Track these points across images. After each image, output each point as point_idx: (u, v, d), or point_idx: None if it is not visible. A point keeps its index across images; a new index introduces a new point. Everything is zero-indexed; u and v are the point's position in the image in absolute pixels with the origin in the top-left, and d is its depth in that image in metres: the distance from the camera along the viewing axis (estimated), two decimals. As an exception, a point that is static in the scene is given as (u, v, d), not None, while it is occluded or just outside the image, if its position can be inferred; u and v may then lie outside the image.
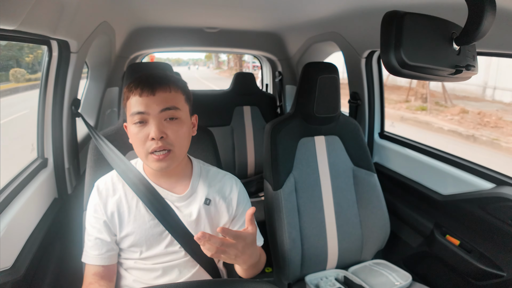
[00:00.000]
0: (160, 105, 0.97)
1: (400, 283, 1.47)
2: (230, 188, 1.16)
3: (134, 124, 0.98)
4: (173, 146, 0.99)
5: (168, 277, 1.09)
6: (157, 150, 0.96)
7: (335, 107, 1.63)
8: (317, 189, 1.60)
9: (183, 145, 1.03)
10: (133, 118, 0.98)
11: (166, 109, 0.97)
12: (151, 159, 0.98)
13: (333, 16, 1.81)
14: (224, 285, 0.64)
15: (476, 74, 0.83)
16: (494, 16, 0.67)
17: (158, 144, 0.96)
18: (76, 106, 1.55)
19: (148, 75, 1.02)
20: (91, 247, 1.05)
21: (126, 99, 1.02)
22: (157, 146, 0.96)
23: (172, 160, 1.00)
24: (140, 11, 1.85)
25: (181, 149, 1.02)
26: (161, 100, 0.97)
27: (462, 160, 1.56)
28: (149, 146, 0.97)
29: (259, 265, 1.11)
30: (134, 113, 0.97)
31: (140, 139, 0.98)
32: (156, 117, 0.97)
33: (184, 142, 1.03)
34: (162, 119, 0.98)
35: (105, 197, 1.07)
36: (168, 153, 0.98)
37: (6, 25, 0.85)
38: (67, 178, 1.53)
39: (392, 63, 0.70)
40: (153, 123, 0.96)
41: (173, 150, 0.99)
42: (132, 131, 1.00)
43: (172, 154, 0.99)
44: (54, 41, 1.36)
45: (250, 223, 0.89)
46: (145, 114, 0.97)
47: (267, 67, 3.44)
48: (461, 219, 1.50)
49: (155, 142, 0.96)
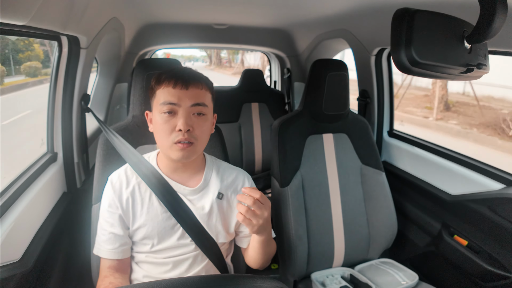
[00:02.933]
0: (192, 99, 1.01)
1: (406, 282, 1.46)
2: (242, 183, 1.18)
3: (163, 114, 1.01)
4: (197, 140, 1.02)
5: (177, 271, 1.10)
6: (182, 141, 1.00)
7: (344, 105, 1.62)
8: (324, 186, 1.59)
9: (204, 140, 1.07)
10: (162, 107, 1.01)
11: (196, 104, 1.02)
12: (175, 148, 1.01)
13: (343, 13, 1.79)
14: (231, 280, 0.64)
15: (488, 73, 0.82)
16: (506, 15, 0.66)
17: (185, 136, 0.99)
18: (86, 101, 1.56)
19: (183, 69, 1.08)
20: (105, 241, 1.07)
21: (155, 88, 1.05)
22: (183, 138, 0.99)
23: (193, 152, 1.03)
24: (149, 7, 1.86)
25: (202, 143, 1.06)
26: (193, 95, 1.02)
27: (472, 160, 1.54)
28: (174, 137, 1.00)
29: (272, 248, 1.15)
30: (166, 102, 1.00)
31: (167, 129, 1.01)
32: (186, 110, 1.01)
33: (206, 137, 1.08)
34: (191, 113, 1.02)
35: (118, 190, 1.08)
36: (190, 145, 1.01)
37: (16, 21, 0.86)
38: (76, 173, 1.55)
39: (402, 61, 0.70)
40: (183, 116, 1.00)
41: (196, 143, 1.02)
42: (158, 120, 1.02)
43: (194, 147, 1.02)
44: (64, 37, 1.37)
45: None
46: (176, 105, 1.00)
47: (275, 64, 3.43)
48: (469, 219, 1.48)
49: (182, 133, 0.99)
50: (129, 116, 1.38)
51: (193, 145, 1.02)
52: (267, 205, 0.97)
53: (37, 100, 4.00)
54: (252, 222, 0.94)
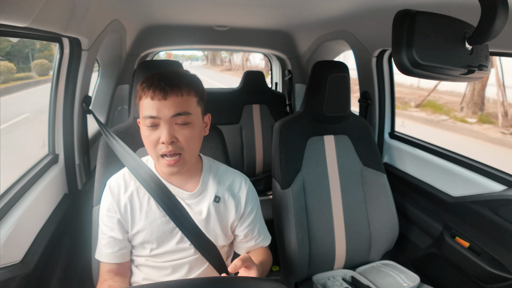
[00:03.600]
0: (172, 110, 0.96)
1: (408, 284, 1.46)
2: (239, 186, 1.16)
3: (146, 127, 0.99)
4: (183, 150, 0.99)
5: (177, 274, 1.10)
6: (167, 154, 0.97)
7: (345, 106, 1.62)
8: (325, 188, 1.59)
9: (193, 149, 1.03)
10: (144, 121, 0.99)
11: (177, 115, 0.97)
12: (162, 163, 1.00)
13: (344, 15, 1.79)
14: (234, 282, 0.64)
15: (489, 74, 0.82)
16: (507, 16, 0.66)
17: (169, 148, 0.96)
18: (87, 103, 1.57)
19: (161, 76, 0.99)
20: (105, 245, 1.07)
21: (139, 98, 1.02)
22: (167, 150, 0.97)
23: (182, 164, 1.01)
24: (150, 9, 1.86)
25: (191, 152, 1.02)
26: (172, 105, 0.96)
27: (473, 161, 1.53)
28: (159, 149, 0.98)
29: (266, 267, 1.14)
30: (146, 117, 0.97)
31: (152, 142, 0.98)
32: (167, 122, 0.96)
33: (195, 145, 1.03)
34: (173, 123, 0.98)
35: (117, 195, 1.08)
36: (178, 157, 0.99)
37: (18, 23, 0.86)
38: (77, 174, 1.55)
39: (403, 62, 0.70)
40: (164, 128, 0.96)
41: (183, 154, 1.00)
42: (144, 133, 1.01)
43: (182, 159, 1.00)
44: (65, 39, 1.38)
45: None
46: (156, 118, 0.97)
47: (276, 66, 3.43)
48: (471, 221, 1.48)
49: (165, 146, 0.96)
50: (130, 118, 1.38)
51: (181, 156, 0.99)
52: (252, 271, 0.91)
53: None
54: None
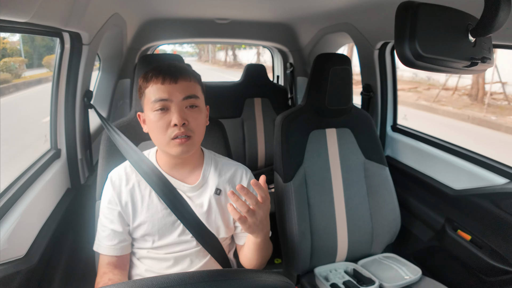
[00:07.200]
0: (183, 92, 1.00)
1: (409, 277, 1.46)
2: (240, 177, 1.17)
3: (155, 111, 1.00)
4: (193, 132, 1.01)
5: (179, 266, 1.11)
6: (179, 135, 0.99)
7: (347, 99, 1.61)
8: (327, 181, 1.59)
9: (201, 133, 1.06)
10: (154, 105, 0.99)
11: (188, 97, 1.00)
12: (173, 144, 1.00)
13: (346, 7, 1.78)
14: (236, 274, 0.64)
15: (492, 66, 0.81)
16: (510, 8, 0.66)
17: (181, 130, 0.98)
18: (89, 97, 1.57)
19: (168, 64, 1.04)
20: (105, 237, 1.08)
21: (144, 88, 1.03)
22: (179, 132, 0.98)
23: (191, 145, 1.02)
24: (151, 2, 1.85)
25: (199, 136, 1.05)
26: (183, 88, 1.00)
27: (475, 154, 1.53)
28: (171, 133, 0.99)
29: (268, 251, 1.13)
30: (157, 100, 0.99)
31: (161, 126, 0.99)
32: (179, 104, 0.99)
33: (202, 129, 1.06)
34: (184, 106, 1.00)
35: (118, 188, 1.09)
36: (188, 139, 1.00)
37: (18, 18, 0.86)
38: (79, 169, 1.56)
39: (406, 54, 0.69)
40: (176, 110, 0.98)
41: (193, 136, 1.01)
42: (152, 119, 1.01)
43: (192, 140, 1.01)
44: (66, 33, 1.37)
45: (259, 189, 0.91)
46: (167, 101, 0.99)
47: (278, 59, 3.41)
48: (473, 214, 1.47)
49: (178, 128, 0.98)
50: (132, 112, 1.38)
51: (191, 138, 1.01)
52: (266, 204, 0.91)
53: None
54: (247, 220, 0.89)
